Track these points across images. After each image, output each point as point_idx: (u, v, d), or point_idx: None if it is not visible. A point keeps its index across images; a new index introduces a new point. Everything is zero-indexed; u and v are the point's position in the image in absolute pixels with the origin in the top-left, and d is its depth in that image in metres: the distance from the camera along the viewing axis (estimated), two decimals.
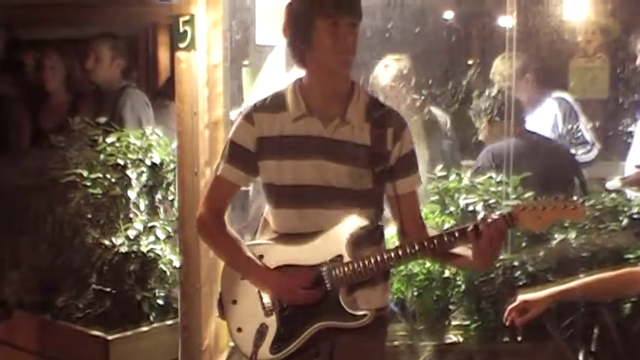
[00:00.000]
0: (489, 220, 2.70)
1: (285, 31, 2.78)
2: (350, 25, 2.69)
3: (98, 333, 4.29)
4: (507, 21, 4.44)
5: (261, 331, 2.82)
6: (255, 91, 4.48)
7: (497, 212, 3.58)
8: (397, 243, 2.89)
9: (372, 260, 2.75)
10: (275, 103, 2.83)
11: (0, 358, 4.85)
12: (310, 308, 2.78)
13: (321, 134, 2.76)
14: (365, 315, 2.77)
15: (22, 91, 5.82)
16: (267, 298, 2.84)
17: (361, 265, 2.75)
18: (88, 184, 4.45)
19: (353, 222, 2.77)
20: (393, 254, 2.76)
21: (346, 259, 2.76)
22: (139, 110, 5.05)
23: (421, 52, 4.83)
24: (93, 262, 4.40)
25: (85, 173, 4.47)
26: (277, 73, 4.54)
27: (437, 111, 4.86)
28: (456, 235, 2.73)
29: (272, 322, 2.83)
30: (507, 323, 3.21)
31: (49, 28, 7.05)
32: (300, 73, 2.85)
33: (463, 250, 2.78)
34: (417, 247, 2.74)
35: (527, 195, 4.06)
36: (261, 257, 2.84)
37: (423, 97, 4.90)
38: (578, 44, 5.34)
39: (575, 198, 2.70)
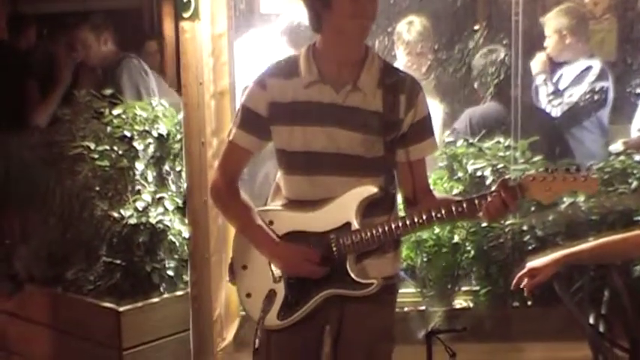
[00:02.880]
0: (498, 191, 2.69)
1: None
2: None
3: (109, 305, 4.30)
4: None
5: (270, 297, 2.83)
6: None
7: (507, 176, 3.60)
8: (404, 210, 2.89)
9: (380, 229, 2.75)
10: (288, 68, 2.81)
11: (12, 331, 4.89)
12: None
13: (333, 101, 2.75)
14: (372, 284, 2.78)
15: (29, 66, 5.80)
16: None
17: (369, 233, 2.75)
18: (96, 156, 4.45)
19: (363, 190, 2.76)
20: (400, 223, 2.75)
21: (354, 226, 2.76)
22: (137, 79, 5.03)
23: (426, 17, 4.79)
24: (102, 234, 4.41)
25: (92, 146, 4.47)
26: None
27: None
28: (464, 206, 2.73)
29: (280, 288, 2.84)
30: (513, 288, 3.20)
31: (52, 2, 7.03)
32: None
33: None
34: (424, 217, 2.74)
35: (535, 159, 4.05)
36: (271, 223, 2.84)
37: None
38: (585, 6, 5.28)
39: (587, 169, 2.68)
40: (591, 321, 3.30)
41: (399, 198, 2.93)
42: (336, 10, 2.67)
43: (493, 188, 2.73)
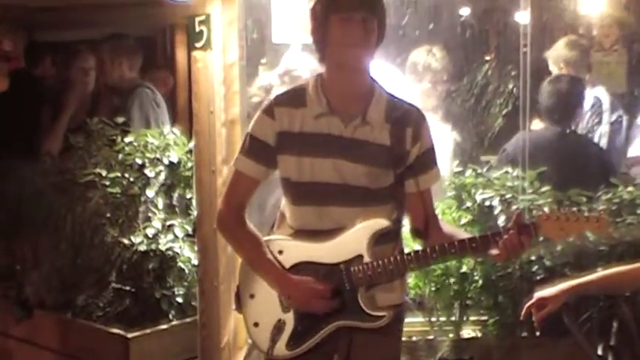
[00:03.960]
0: (512, 229, 2.71)
1: (310, 30, 2.80)
2: (362, 20, 2.69)
3: (118, 331, 4.32)
4: (522, 16, 4.43)
5: (279, 327, 2.82)
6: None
7: (515, 208, 3.60)
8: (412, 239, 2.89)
9: (392, 261, 2.75)
10: (296, 98, 2.83)
11: (22, 356, 4.90)
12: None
13: (342, 134, 2.77)
14: (383, 316, 2.78)
15: (44, 93, 5.86)
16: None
17: (381, 265, 2.75)
18: (107, 183, 4.50)
19: (375, 222, 2.78)
20: (413, 256, 2.77)
21: (366, 259, 2.76)
22: (147, 110, 5.09)
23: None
24: (112, 260, 4.44)
25: (104, 173, 4.51)
26: None
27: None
28: (478, 241, 2.75)
29: (289, 318, 2.83)
30: (522, 318, 3.21)
31: (66, 30, 7.11)
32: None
33: None
34: (438, 251, 2.75)
35: (543, 189, 4.05)
36: (280, 253, 2.84)
37: None
38: (593, 38, 5.32)
39: (598, 211, 2.71)
40: (600, 352, 3.30)
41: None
42: (330, 41, 2.72)
43: (508, 225, 2.76)
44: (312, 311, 2.79)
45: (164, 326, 4.39)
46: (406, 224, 3.01)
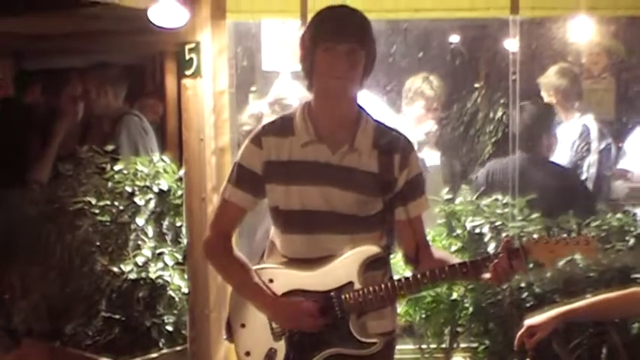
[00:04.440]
0: (502, 254, 2.72)
1: (299, 57, 2.81)
2: (348, 51, 2.70)
3: None
4: (511, 44, 4.47)
5: (270, 356, 2.81)
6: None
7: (504, 235, 3.61)
8: (403, 265, 2.89)
9: (383, 287, 2.75)
10: (284, 127, 2.83)
11: None
12: (320, 334, 2.78)
13: (329, 161, 2.77)
14: (375, 343, 2.77)
15: (33, 121, 5.85)
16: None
17: (372, 292, 2.74)
18: (97, 211, 4.49)
19: (365, 249, 2.77)
20: (404, 282, 2.76)
21: (357, 286, 2.76)
22: (136, 137, 5.09)
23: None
24: (102, 289, 4.42)
25: (94, 201, 4.51)
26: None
27: None
28: (469, 266, 2.75)
29: (281, 346, 2.82)
30: (516, 348, 3.21)
31: (56, 58, 7.12)
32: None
33: None
34: (428, 276, 2.75)
35: (533, 216, 4.07)
36: (271, 281, 2.83)
37: None
38: (582, 66, 5.36)
39: (586, 234, 2.72)
40: None
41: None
42: (316, 70, 2.73)
43: (497, 250, 2.76)
44: (302, 329, 2.77)
45: (154, 355, 4.36)
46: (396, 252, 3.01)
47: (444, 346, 4.08)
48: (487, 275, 2.75)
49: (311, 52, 2.72)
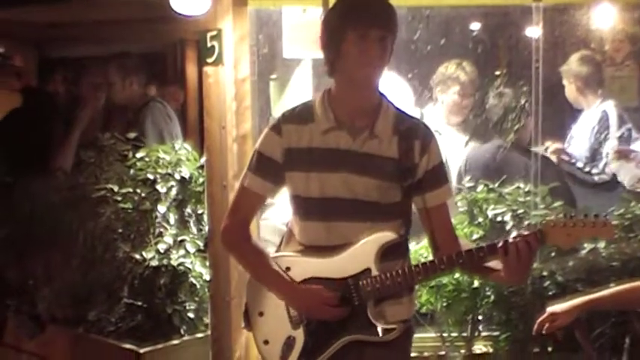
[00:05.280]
0: (519, 236, 2.70)
1: (320, 41, 2.79)
2: (379, 39, 2.69)
3: (130, 346, 4.31)
4: (534, 31, 4.44)
5: (289, 344, 2.82)
6: (283, 105, 4.51)
7: (527, 223, 3.61)
8: (426, 255, 2.89)
9: (400, 273, 2.75)
10: (303, 114, 2.83)
11: None
12: (338, 321, 2.78)
13: (350, 147, 2.77)
14: (393, 329, 2.77)
15: (56, 109, 5.89)
16: (294, 310, 2.85)
17: (389, 278, 2.74)
18: (119, 198, 4.51)
19: (382, 235, 2.77)
20: (421, 268, 2.75)
21: (374, 272, 2.76)
22: (160, 124, 5.11)
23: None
24: (124, 276, 4.44)
25: (116, 188, 4.52)
26: (304, 87, 4.57)
27: None
28: (486, 250, 2.73)
29: (299, 334, 2.82)
30: (535, 333, 3.21)
31: (77, 46, 7.14)
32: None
33: (494, 264, 2.78)
34: (445, 262, 2.74)
35: (555, 204, 4.05)
36: (288, 269, 2.83)
37: None
38: (605, 53, 5.32)
39: (605, 216, 2.71)
40: None
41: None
42: (344, 57, 2.70)
43: (514, 234, 2.74)
44: (320, 317, 2.78)
45: (176, 341, 4.38)
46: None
47: (465, 334, 4.07)
48: (501, 268, 2.73)
49: (339, 38, 2.69)
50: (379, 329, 2.77)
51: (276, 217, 4.04)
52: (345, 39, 2.68)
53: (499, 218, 4.05)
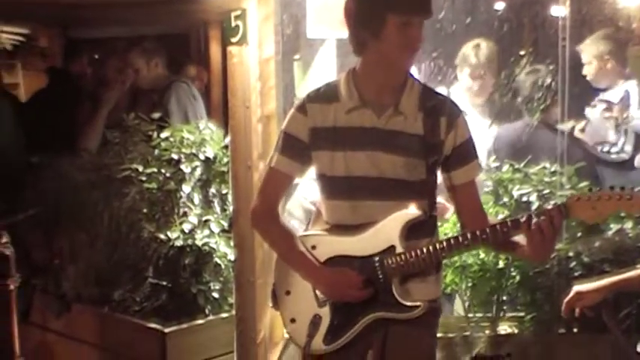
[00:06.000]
0: (543, 211, 2.69)
1: (348, 19, 2.76)
2: (420, 23, 2.69)
3: (155, 325, 4.34)
4: (561, 10, 4.39)
5: (315, 322, 2.84)
6: (307, 85, 4.49)
7: (552, 203, 3.58)
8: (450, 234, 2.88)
9: (425, 251, 2.75)
10: (328, 94, 2.83)
11: (60, 350, 4.94)
12: (364, 299, 2.79)
13: (375, 125, 2.77)
14: (418, 306, 2.78)
15: (81, 90, 5.91)
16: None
17: (413, 255, 2.75)
18: (144, 178, 4.52)
19: (406, 212, 2.77)
20: (445, 244, 2.75)
21: (399, 249, 2.76)
22: (185, 104, 5.11)
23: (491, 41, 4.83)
24: (149, 256, 4.46)
25: (140, 168, 4.54)
26: (328, 67, 4.55)
27: None
28: (509, 225, 2.72)
29: (325, 313, 2.84)
30: (563, 314, 3.19)
31: (101, 27, 7.15)
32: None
33: (519, 240, 2.77)
34: (469, 238, 2.74)
35: (582, 185, 4.02)
36: (313, 248, 2.86)
37: None
38: (633, 31, 5.25)
39: (631, 188, 2.67)
40: (638, 349, 3.26)
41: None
42: (385, 40, 2.68)
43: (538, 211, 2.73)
44: (346, 300, 2.79)
45: (200, 321, 4.41)
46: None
47: (490, 315, 4.06)
48: (525, 245, 2.72)
49: (378, 21, 2.67)
50: (404, 306, 2.77)
51: (301, 193, 4.03)
52: (385, 23, 2.66)
53: (524, 198, 4.02)
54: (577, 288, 3.16)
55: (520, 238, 2.76)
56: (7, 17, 6.93)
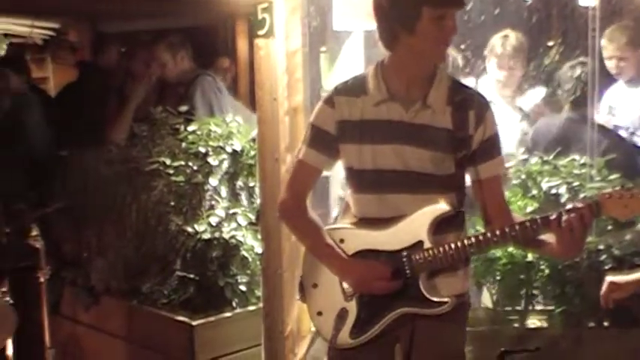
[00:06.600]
0: (573, 209, 2.65)
1: (379, 14, 2.74)
2: (454, 15, 2.67)
3: (183, 318, 4.36)
4: (590, 0, 4.34)
5: (341, 316, 2.83)
6: (333, 77, 4.49)
7: (582, 196, 3.54)
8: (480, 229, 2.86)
9: (453, 247, 2.73)
10: (356, 87, 2.82)
11: (89, 342, 4.99)
12: (391, 294, 2.78)
13: (402, 119, 2.75)
14: (445, 302, 2.76)
15: (110, 83, 5.93)
16: (347, 284, 2.85)
17: (441, 251, 2.73)
18: (171, 172, 4.53)
19: (435, 208, 2.75)
20: (474, 241, 2.73)
21: (427, 245, 2.75)
22: (210, 97, 5.11)
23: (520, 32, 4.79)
24: (176, 248, 4.47)
25: (168, 161, 4.54)
26: (354, 59, 4.53)
27: None
28: (539, 223, 2.69)
29: (352, 306, 2.84)
30: (603, 305, 3.16)
31: (130, 21, 7.19)
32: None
33: (548, 237, 2.74)
34: (498, 235, 2.71)
35: (611, 177, 3.97)
36: (341, 241, 2.85)
37: None
38: None
39: None
40: None
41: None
42: (419, 34, 2.66)
43: (569, 206, 2.69)
44: (373, 292, 2.78)
45: (228, 314, 4.41)
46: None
47: (518, 308, 4.03)
48: (554, 242, 2.69)
49: (412, 15, 2.64)
50: (431, 302, 2.75)
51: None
52: (420, 17, 2.63)
53: (554, 191, 3.98)
54: (610, 279, 3.12)
55: (548, 236, 2.73)
56: (38, 12, 6.99)
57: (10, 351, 4.32)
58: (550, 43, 5.22)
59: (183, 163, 4.54)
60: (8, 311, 4.14)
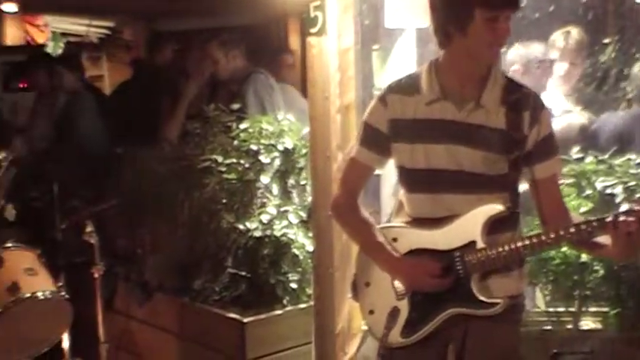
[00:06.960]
0: (630, 211, 2.61)
1: (434, 13, 2.73)
2: (508, 17, 2.64)
3: (234, 315, 4.38)
4: None
5: (393, 315, 2.83)
6: (385, 75, 4.47)
7: (638, 197, 3.48)
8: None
9: (506, 248, 2.71)
10: (409, 85, 2.81)
11: (142, 337, 5.04)
12: (442, 294, 2.77)
13: (455, 118, 2.73)
14: (497, 303, 2.74)
15: (164, 81, 5.99)
16: (398, 283, 2.84)
17: (494, 252, 2.71)
18: (223, 169, 4.55)
19: (489, 208, 2.73)
20: (528, 242, 2.70)
21: (480, 245, 2.73)
22: (262, 95, 5.12)
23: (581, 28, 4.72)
24: (228, 246, 4.49)
25: (220, 159, 4.57)
26: (407, 57, 4.51)
27: None
28: (595, 225, 2.65)
29: (404, 306, 2.83)
30: None
31: (185, 19, 7.26)
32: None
33: (603, 238, 2.69)
34: (553, 236, 2.68)
35: None
36: (394, 240, 2.85)
37: None
38: None
39: None
40: None
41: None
42: (472, 36, 2.64)
43: (625, 208, 2.65)
44: (424, 289, 2.77)
45: (279, 312, 4.43)
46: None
47: (572, 309, 3.97)
48: (610, 243, 2.64)
49: (465, 16, 2.62)
50: (483, 303, 2.74)
51: None
52: (473, 19, 2.62)
53: (609, 191, 3.92)
54: None
55: (604, 238, 2.68)
56: (95, 11, 7.09)
57: (65, 344, 4.39)
58: (606, 41, 5.13)
59: (235, 160, 4.56)
60: (65, 305, 4.21)
